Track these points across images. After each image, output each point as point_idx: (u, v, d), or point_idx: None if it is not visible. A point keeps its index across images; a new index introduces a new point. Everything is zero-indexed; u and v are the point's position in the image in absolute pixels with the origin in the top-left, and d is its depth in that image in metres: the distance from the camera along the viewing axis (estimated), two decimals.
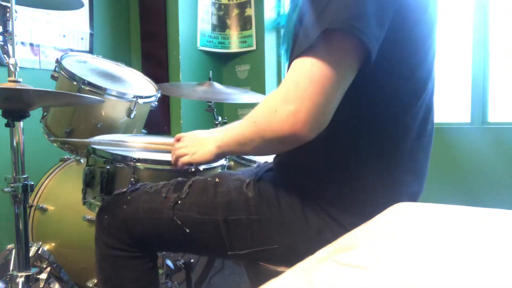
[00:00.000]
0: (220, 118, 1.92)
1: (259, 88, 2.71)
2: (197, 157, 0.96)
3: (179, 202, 0.89)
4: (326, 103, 0.69)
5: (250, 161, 1.36)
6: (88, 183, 1.21)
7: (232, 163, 1.38)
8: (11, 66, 1.23)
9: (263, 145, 0.78)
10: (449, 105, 2.12)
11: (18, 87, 1.11)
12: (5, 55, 1.26)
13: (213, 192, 0.89)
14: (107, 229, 0.91)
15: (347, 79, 0.70)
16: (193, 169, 1.07)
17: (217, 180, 0.91)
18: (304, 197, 0.83)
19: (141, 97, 1.61)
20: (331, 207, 0.80)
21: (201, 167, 1.14)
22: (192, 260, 1.36)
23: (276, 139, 0.73)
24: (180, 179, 0.98)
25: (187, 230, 0.88)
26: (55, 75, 1.58)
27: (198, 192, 0.90)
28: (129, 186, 1.00)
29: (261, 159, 1.26)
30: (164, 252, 1.35)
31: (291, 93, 0.69)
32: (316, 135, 0.71)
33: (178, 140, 1.07)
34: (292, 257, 0.35)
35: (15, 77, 1.23)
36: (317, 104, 0.68)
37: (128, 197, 0.93)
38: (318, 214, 0.81)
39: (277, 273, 0.30)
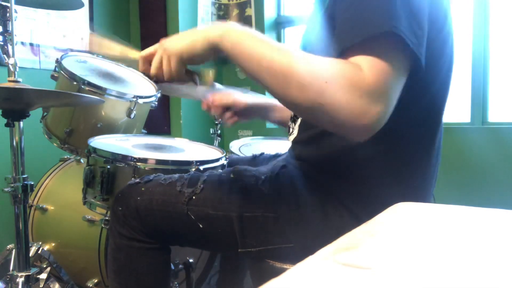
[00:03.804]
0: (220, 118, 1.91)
1: (259, 88, 2.71)
2: (181, 45, 0.75)
3: (194, 197, 0.88)
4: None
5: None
6: (88, 182, 1.21)
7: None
8: (11, 66, 1.23)
9: (310, 104, 0.65)
10: (449, 105, 2.12)
11: (18, 87, 1.11)
12: (5, 55, 1.26)
13: (228, 188, 0.88)
14: (121, 219, 0.91)
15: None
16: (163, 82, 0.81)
17: (231, 176, 0.90)
18: (327, 195, 0.82)
19: (141, 97, 1.61)
20: (356, 207, 0.80)
21: (201, 167, 1.14)
22: (192, 260, 1.36)
23: (337, 118, 0.64)
24: (193, 172, 0.97)
25: (200, 226, 0.87)
26: (55, 75, 1.58)
27: (213, 187, 0.89)
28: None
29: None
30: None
31: (381, 88, 0.63)
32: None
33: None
34: (306, 257, 0.35)
35: (15, 77, 1.23)
36: (391, 108, 0.66)
37: (142, 188, 0.92)
38: (340, 214, 0.81)
39: (282, 271, 0.30)
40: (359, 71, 0.63)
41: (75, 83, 1.50)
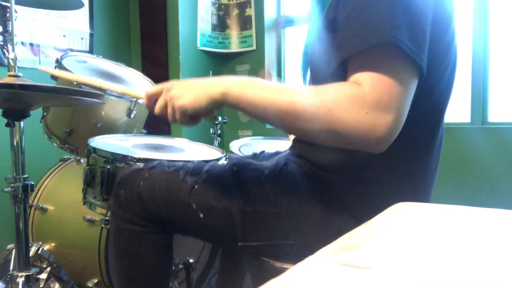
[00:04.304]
0: (220, 118, 1.92)
1: None
2: (185, 100, 0.77)
3: (196, 187, 0.88)
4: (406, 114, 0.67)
5: None
6: (88, 182, 1.21)
7: None
8: (10, 61, 1.23)
9: (321, 132, 0.68)
10: (449, 105, 2.12)
11: (18, 82, 1.11)
12: (5, 54, 1.26)
13: (230, 180, 0.88)
14: (123, 203, 0.91)
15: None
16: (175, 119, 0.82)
17: (234, 168, 0.90)
18: (327, 194, 0.82)
19: None
20: (356, 207, 0.80)
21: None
22: (192, 260, 1.36)
23: (351, 138, 0.66)
24: (197, 161, 0.97)
25: (201, 215, 0.87)
26: None
27: (216, 178, 0.89)
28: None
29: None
30: None
31: (385, 100, 0.64)
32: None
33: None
34: (306, 256, 0.35)
35: (15, 71, 1.23)
36: (404, 116, 0.67)
37: (146, 174, 0.92)
38: (341, 214, 0.80)
39: (281, 271, 0.30)
40: (359, 89, 0.65)
41: (75, 83, 1.50)
